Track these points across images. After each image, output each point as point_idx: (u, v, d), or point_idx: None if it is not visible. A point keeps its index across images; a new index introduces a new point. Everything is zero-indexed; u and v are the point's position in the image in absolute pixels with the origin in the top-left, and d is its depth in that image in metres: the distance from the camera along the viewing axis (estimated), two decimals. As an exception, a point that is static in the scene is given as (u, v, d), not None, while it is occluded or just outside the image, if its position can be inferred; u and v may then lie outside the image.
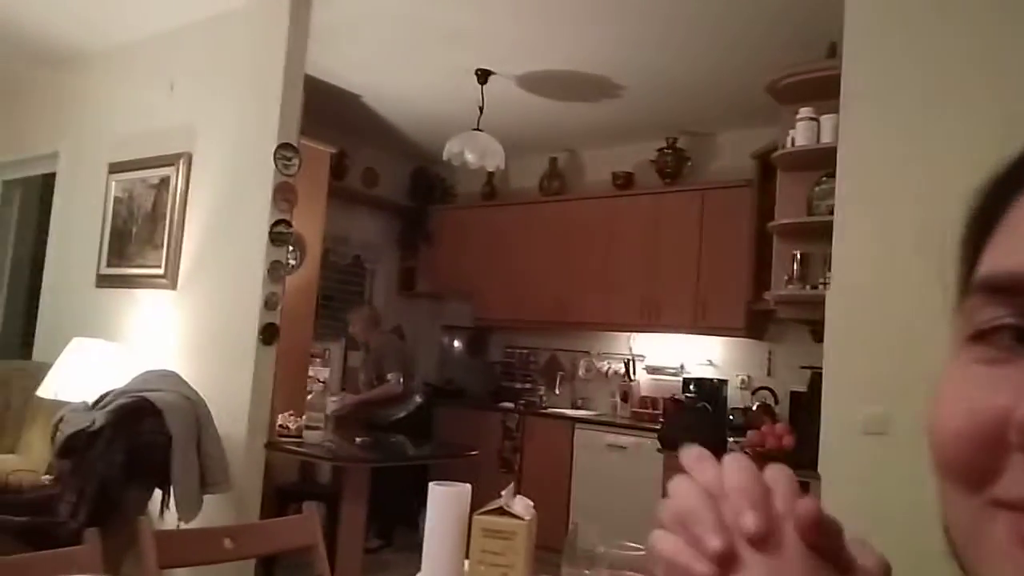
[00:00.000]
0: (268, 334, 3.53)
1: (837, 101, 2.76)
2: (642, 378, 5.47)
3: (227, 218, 3.76)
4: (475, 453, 4.27)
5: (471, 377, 6.20)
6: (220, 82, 3.92)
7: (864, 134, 2.66)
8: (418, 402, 5.21)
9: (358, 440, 4.10)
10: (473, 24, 3.92)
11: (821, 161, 3.18)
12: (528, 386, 5.99)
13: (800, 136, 3.32)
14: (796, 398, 4.35)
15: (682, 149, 5.31)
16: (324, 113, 4.75)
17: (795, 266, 3.49)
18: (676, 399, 5.02)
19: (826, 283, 2.87)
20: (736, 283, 4.78)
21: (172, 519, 3.05)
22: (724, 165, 5.23)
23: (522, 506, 1.32)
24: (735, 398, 4.93)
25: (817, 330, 3.13)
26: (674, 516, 0.37)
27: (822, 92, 3.12)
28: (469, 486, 1.35)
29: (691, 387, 4.97)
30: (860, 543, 0.38)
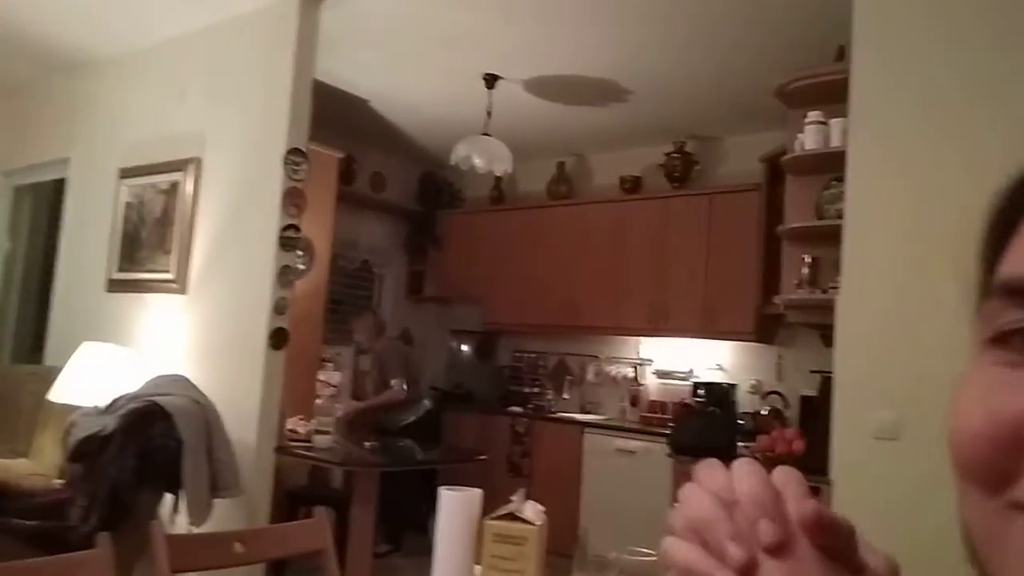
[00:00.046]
0: (277, 338, 3.54)
1: (846, 104, 2.76)
2: (651, 382, 5.46)
3: (236, 223, 3.77)
4: (484, 458, 4.27)
5: (480, 381, 6.20)
6: (229, 88, 3.95)
7: (873, 137, 2.66)
8: (427, 406, 5.20)
9: (367, 444, 4.10)
10: (480, 29, 3.93)
11: (830, 165, 3.16)
12: (537, 390, 5.98)
13: (809, 140, 3.30)
14: (806, 402, 4.33)
15: (690, 153, 5.31)
16: (332, 118, 4.77)
17: (805, 270, 3.48)
18: (686, 404, 5.01)
19: (836, 287, 2.86)
20: (745, 287, 4.76)
21: (183, 523, 3.06)
22: (732, 169, 5.22)
23: (533, 511, 1.32)
24: (745, 403, 4.91)
25: (827, 334, 3.12)
26: (687, 524, 0.37)
27: (831, 96, 3.11)
28: (480, 491, 1.35)
29: (700, 392, 4.95)
30: (868, 545, 0.38)
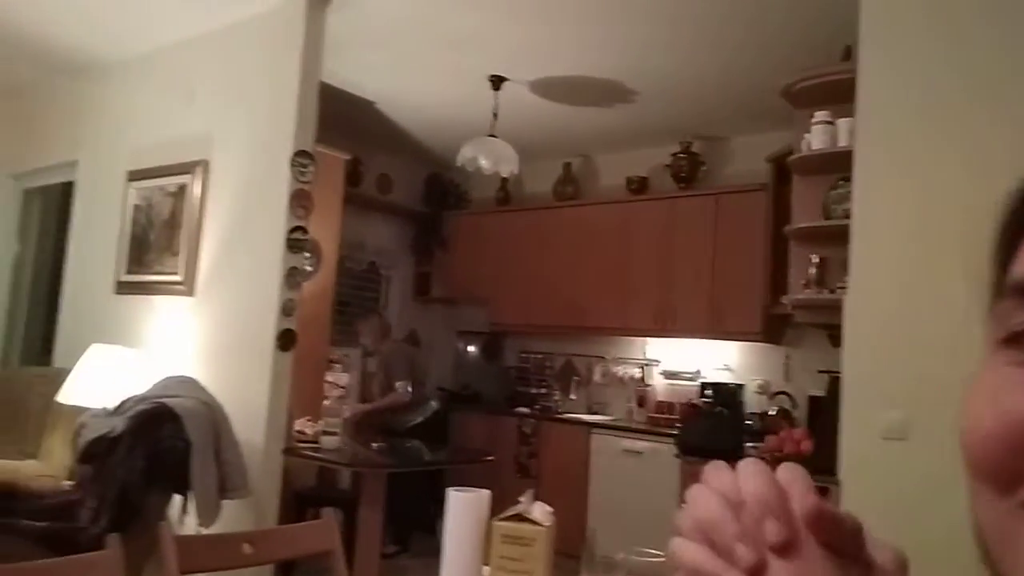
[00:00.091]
0: (285, 340, 3.55)
1: (853, 104, 2.75)
2: (658, 383, 5.45)
3: (244, 225, 3.79)
4: (491, 459, 4.27)
5: (486, 382, 6.20)
6: (236, 90, 3.96)
7: (881, 137, 2.65)
8: (434, 407, 5.21)
9: (375, 445, 4.11)
10: (486, 30, 3.93)
11: (837, 165, 3.16)
12: (544, 391, 5.98)
13: (816, 140, 3.30)
14: (815, 403, 4.32)
15: (696, 153, 5.30)
16: (339, 120, 4.78)
17: (812, 270, 3.47)
18: (693, 404, 5.00)
19: (844, 287, 2.85)
20: (752, 287, 4.75)
21: (192, 524, 3.07)
22: (738, 169, 5.21)
23: (541, 512, 1.32)
24: (752, 403, 4.89)
25: (835, 334, 3.11)
26: (694, 524, 0.37)
27: (838, 95, 3.10)
28: (488, 492, 1.35)
29: (708, 392, 4.94)
30: (876, 541, 0.38)
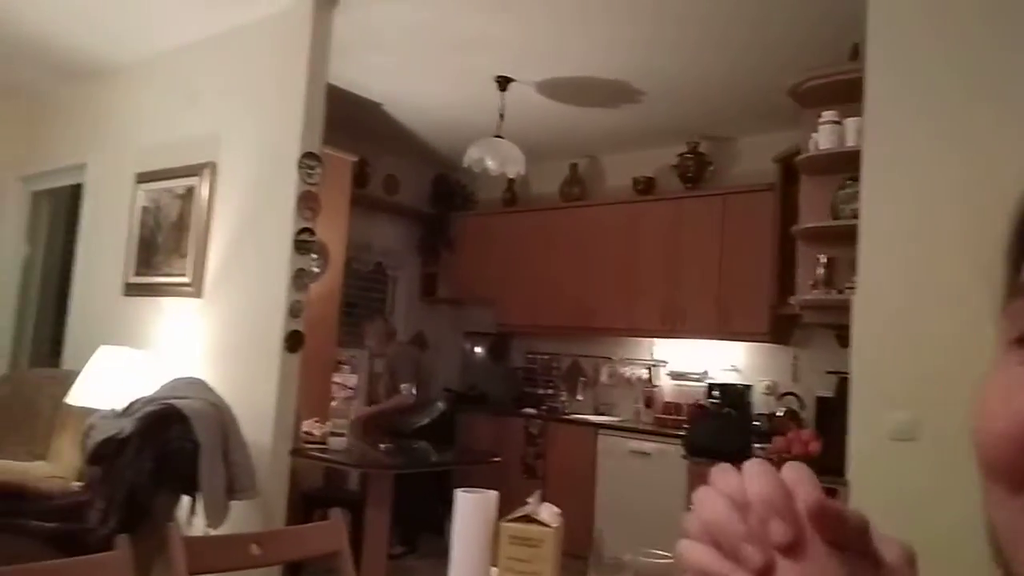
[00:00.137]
0: (293, 341, 3.56)
1: (860, 104, 2.74)
2: (665, 384, 5.44)
3: (251, 227, 3.80)
4: (498, 460, 4.27)
5: (493, 383, 6.20)
6: (244, 93, 3.97)
7: (889, 136, 2.64)
8: (440, 408, 5.21)
9: (382, 446, 4.11)
10: (492, 31, 3.94)
11: (845, 164, 3.14)
12: (550, 392, 5.98)
13: (824, 139, 3.29)
14: (823, 403, 4.30)
15: (703, 153, 5.29)
16: (345, 122, 4.79)
17: (820, 270, 3.46)
18: (700, 405, 4.99)
19: (852, 287, 2.84)
20: (759, 288, 4.74)
21: (200, 525, 3.08)
22: (745, 169, 5.20)
23: (549, 513, 1.32)
24: (760, 404, 4.88)
25: (843, 335, 3.10)
26: (701, 527, 0.38)
27: (846, 95, 3.09)
28: (496, 493, 1.35)
29: (715, 393, 4.93)
30: (883, 537, 0.38)
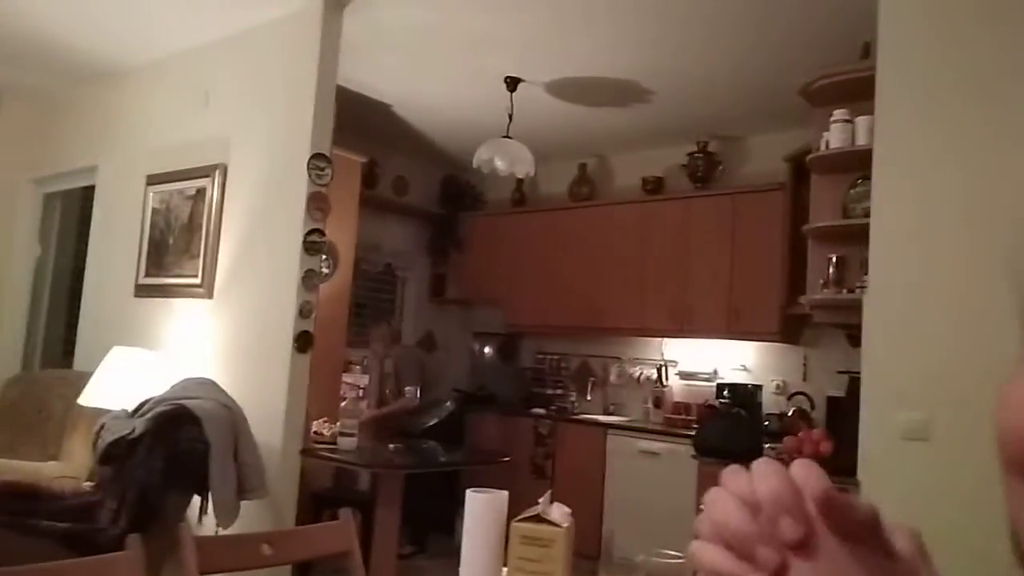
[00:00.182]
0: (302, 342, 3.57)
1: (872, 102, 2.73)
2: (675, 384, 5.43)
3: (261, 228, 3.81)
4: (507, 460, 4.27)
5: (502, 383, 6.20)
6: (254, 94, 3.99)
7: (900, 135, 2.62)
8: (450, 408, 5.22)
9: (392, 446, 4.12)
10: (501, 32, 3.94)
11: (856, 163, 3.13)
12: (560, 392, 5.98)
13: (835, 138, 3.27)
14: (833, 403, 4.28)
15: (713, 153, 5.27)
16: (355, 123, 4.80)
17: (831, 270, 3.44)
18: (710, 405, 4.97)
19: (863, 287, 2.83)
20: (769, 287, 4.72)
21: (210, 525, 3.09)
22: (755, 168, 5.18)
23: (560, 513, 1.31)
24: (770, 404, 4.86)
25: (854, 334, 3.09)
26: (713, 528, 0.38)
27: (856, 94, 3.08)
28: (506, 493, 1.34)
29: (725, 393, 4.91)
30: (893, 528, 0.38)
